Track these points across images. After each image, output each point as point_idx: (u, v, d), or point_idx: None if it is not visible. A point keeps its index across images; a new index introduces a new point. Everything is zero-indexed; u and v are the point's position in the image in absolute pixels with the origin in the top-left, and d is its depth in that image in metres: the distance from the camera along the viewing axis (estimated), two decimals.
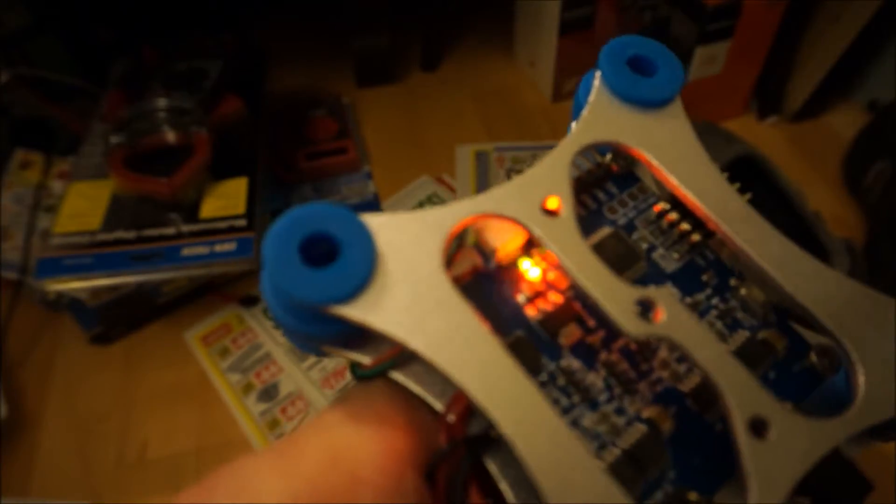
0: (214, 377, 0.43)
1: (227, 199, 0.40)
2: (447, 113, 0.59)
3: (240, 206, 0.40)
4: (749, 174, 0.46)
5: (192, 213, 0.40)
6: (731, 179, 0.17)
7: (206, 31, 0.51)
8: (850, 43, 0.49)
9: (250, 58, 0.51)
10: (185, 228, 0.39)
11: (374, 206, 0.52)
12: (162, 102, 0.42)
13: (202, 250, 0.38)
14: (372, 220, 0.14)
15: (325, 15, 0.66)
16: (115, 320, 0.43)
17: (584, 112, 0.17)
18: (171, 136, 0.41)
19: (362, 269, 0.13)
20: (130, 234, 0.38)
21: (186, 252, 0.38)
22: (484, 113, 0.59)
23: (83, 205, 0.40)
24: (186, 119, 0.42)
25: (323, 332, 0.14)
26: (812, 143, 0.55)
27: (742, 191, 0.17)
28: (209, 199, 0.40)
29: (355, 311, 0.13)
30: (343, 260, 0.13)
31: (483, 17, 0.66)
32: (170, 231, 0.39)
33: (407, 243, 0.14)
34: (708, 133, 0.49)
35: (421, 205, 0.52)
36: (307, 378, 0.42)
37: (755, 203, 0.17)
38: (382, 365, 0.15)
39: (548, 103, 0.60)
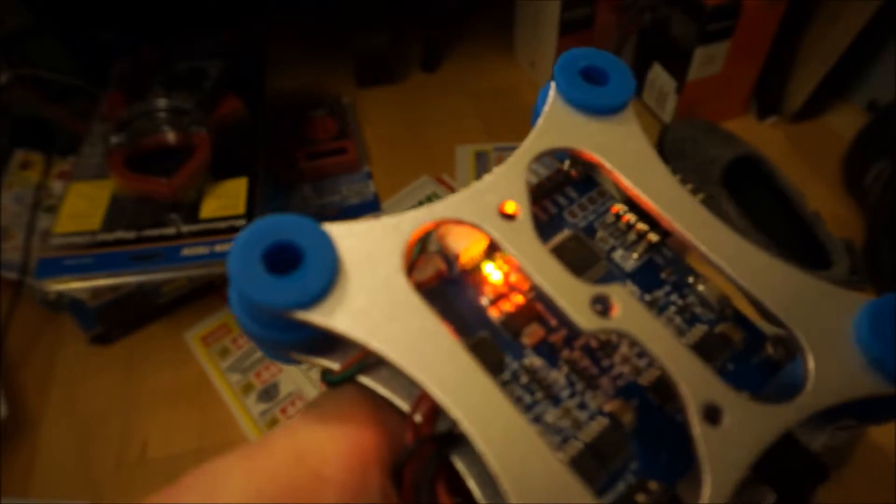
0: (214, 377, 0.43)
1: (227, 199, 0.40)
2: (447, 113, 0.59)
3: (240, 207, 0.40)
4: (749, 174, 0.46)
5: (192, 214, 0.40)
6: (731, 179, 0.18)
7: (206, 31, 0.51)
8: (849, 44, 0.49)
9: (250, 58, 0.51)
10: (185, 228, 0.39)
11: (374, 206, 0.52)
12: (162, 103, 0.42)
13: (202, 250, 0.38)
14: (334, 229, 0.15)
15: (325, 15, 0.66)
16: (115, 320, 0.43)
17: (539, 121, 0.18)
18: (171, 137, 0.41)
19: (324, 274, 0.14)
20: (130, 235, 0.38)
21: (186, 252, 0.38)
22: (484, 113, 0.59)
23: (83, 205, 0.40)
24: (186, 119, 0.42)
25: (289, 339, 0.15)
26: (812, 143, 0.55)
27: (742, 191, 0.18)
28: (209, 199, 0.40)
29: (317, 316, 0.14)
30: (305, 267, 0.14)
31: (483, 17, 0.66)
32: (170, 231, 0.39)
33: (368, 250, 0.15)
34: (708, 133, 0.50)
35: (421, 205, 0.52)
36: (307, 378, 0.42)
37: (755, 203, 0.17)
38: (350, 370, 0.15)
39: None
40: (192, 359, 0.44)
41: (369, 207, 0.51)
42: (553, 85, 0.18)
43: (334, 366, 0.16)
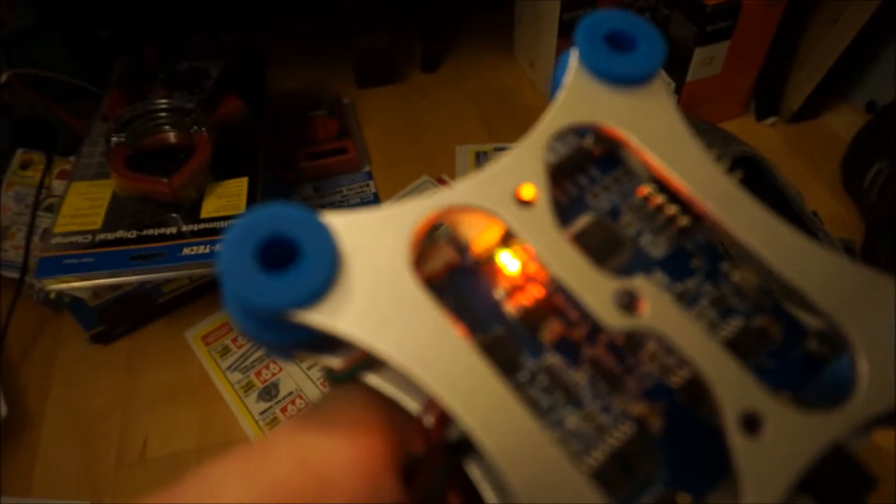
0: (215, 376, 0.43)
1: (228, 198, 0.41)
2: (447, 113, 0.59)
3: (240, 206, 0.40)
4: (748, 175, 0.46)
5: (192, 213, 0.40)
6: None
7: (207, 31, 0.51)
8: (848, 44, 0.50)
9: (251, 58, 0.52)
10: (186, 228, 0.39)
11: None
12: (163, 102, 0.42)
13: (203, 250, 0.38)
14: (334, 220, 0.13)
15: (325, 16, 0.66)
16: (116, 320, 0.44)
17: (560, 93, 0.16)
18: (171, 137, 0.42)
19: (322, 271, 0.13)
20: (131, 234, 0.39)
21: (187, 252, 0.38)
22: (484, 113, 0.59)
23: (84, 204, 0.40)
24: (187, 119, 0.42)
25: (287, 339, 0.14)
26: (810, 143, 0.55)
27: None
28: (210, 198, 0.40)
29: (316, 316, 0.13)
30: (302, 263, 0.13)
31: (483, 18, 0.67)
32: (170, 231, 0.39)
33: (371, 243, 0.13)
34: (707, 133, 0.50)
35: None
36: (308, 377, 0.42)
37: None
38: (354, 367, 0.14)
39: (548, 103, 0.60)
40: (192, 358, 0.44)
41: None
42: (575, 52, 0.16)
43: (336, 363, 0.14)
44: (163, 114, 0.42)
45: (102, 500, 0.38)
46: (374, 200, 0.52)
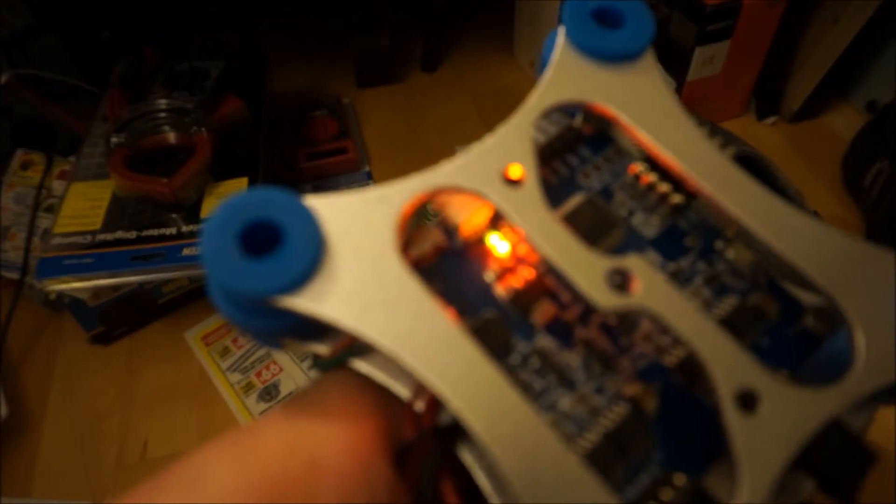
0: (215, 377, 0.43)
1: None
2: (447, 113, 0.59)
3: None
4: (748, 174, 0.46)
5: (192, 214, 0.40)
6: None
7: (207, 31, 0.51)
8: (848, 44, 0.50)
9: (251, 58, 0.52)
10: (186, 228, 0.39)
11: None
12: (162, 103, 0.42)
13: None
14: (318, 203, 0.13)
15: (325, 16, 0.66)
16: (116, 320, 0.44)
17: (547, 71, 0.16)
18: (171, 137, 0.42)
19: (306, 255, 0.13)
20: (131, 235, 0.39)
21: (187, 252, 0.38)
22: (484, 113, 0.59)
23: (84, 205, 0.40)
24: (187, 119, 0.42)
25: (273, 325, 0.13)
26: (811, 143, 0.55)
27: None
28: (210, 199, 0.40)
29: (301, 301, 0.12)
30: (285, 247, 0.12)
31: (483, 18, 0.67)
32: (170, 231, 0.39)
33: (356, 226, 0.13)
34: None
35: None
36: (308, 377, 0.42)
37: None
38: (341, 354, 0.14)
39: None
40: (192, 358, 0.44)
41: None
42: (562, 29, 0.16)
43: (324, 349, 0.14)
44: (163, 114, 0.42)
45: (103, 501, 0.38)
46: None
